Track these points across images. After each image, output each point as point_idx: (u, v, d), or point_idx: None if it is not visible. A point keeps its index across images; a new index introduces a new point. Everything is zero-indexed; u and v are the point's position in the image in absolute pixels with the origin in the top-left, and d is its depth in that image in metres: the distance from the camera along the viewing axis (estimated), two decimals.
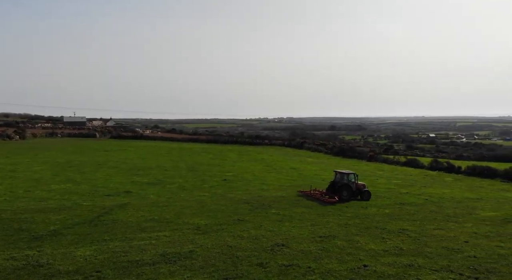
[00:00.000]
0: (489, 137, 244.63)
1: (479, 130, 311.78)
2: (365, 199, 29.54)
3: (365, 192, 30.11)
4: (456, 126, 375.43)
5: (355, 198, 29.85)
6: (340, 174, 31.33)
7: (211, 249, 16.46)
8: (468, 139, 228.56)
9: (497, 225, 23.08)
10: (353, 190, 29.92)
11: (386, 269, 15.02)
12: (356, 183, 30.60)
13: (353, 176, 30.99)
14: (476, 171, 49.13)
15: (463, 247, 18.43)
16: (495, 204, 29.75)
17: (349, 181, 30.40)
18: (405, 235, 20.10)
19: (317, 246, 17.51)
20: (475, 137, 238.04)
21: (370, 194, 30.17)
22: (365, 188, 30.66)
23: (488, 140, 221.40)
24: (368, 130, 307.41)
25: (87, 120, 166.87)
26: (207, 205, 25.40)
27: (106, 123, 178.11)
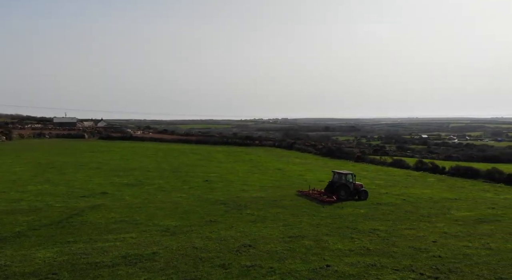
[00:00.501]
0: (481, 138, 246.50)
1: (471, 131, 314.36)
2: (362, 199, 30.07)
3: (362, 191, 30.61)
4: (449, 127, 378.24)
5: (353, 198, 30.27)
6: (338, 174, 31.81)
7: (176, 251, 16.34)
8: (460, 140, 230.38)
9: (469, 225, 23.23)
10: (351, 190, 30.45)
11: (348, 269, 15.02)
12: (353, 183, 31.08)
13: (350, 176, 31.47)
14: (460, 171, 49.48)
15: (430, 247, 18.53)
16: (471, 204, 29.95)
17: (347, 181, 30.93)
18: (375, 235, 20.17)
19: (284, 246, 17.48)
20: (467, 138, 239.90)
21: (367, 193, 30.70)
22: (362, 188, 31.17)
23: (480, 141, 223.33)
24: (362, 131, 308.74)
25: (77, 121, 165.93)
26: (182, 206, 25.27)
27: (97, 124, 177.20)
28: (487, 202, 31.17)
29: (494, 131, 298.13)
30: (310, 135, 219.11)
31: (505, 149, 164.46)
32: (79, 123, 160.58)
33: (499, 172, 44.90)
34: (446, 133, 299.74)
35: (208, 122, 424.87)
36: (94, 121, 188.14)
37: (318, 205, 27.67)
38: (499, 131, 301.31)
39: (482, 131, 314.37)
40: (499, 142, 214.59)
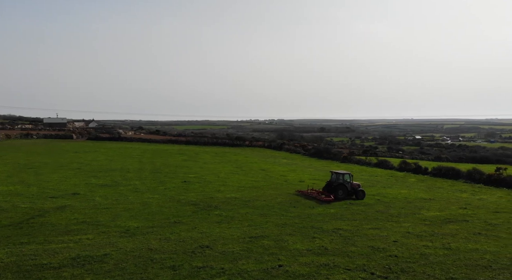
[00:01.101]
0: (474, 139, 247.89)
1: (465, 132, 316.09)
2: (360, 198, 30.61)
3: (359, 191, 31.16)
4: (444, 128, 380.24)
5: (350, 197, 30.84)
6: (336, 174, 32.36)
7: (129, 253, 16.20)
8: (453, 141, 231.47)
9: (435, 225, 23.31)
10: (348, 190, 31.00)
11: (299, 269, 14.98)
12: (351, 183, 31.66)
13: (348, 176, 32.06)
14: (442, 172, 49.65)
15: (389, 246, 18.57)
16: (444, 205, 30.06)
17: (344, 181, 31.51)
18: (337, 235, 20.17)
19: (242, 247, 17.40)
20: (460, 139, 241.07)
21: (364, 193, 31.23)
22: (359, 187, 31.72)
23: (472, 142, 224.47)
24: (357, 132, 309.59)
25: (68, 121, 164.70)
26: (151, 207, 25.10)
27: (88, 124, 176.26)
28: (460, 202, 31.27)
29: (488, 132, 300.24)
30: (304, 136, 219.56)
31: (497, 150, 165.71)
32: (70, 124, 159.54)
33: (480, 173, 45.05)
34: (440, 134, 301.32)
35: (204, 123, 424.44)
36: (86, 121, 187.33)
37: (290, 205, 27.61)
38: (493, 132, 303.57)
39: (476, 132, 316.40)
40: (491, 143, 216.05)
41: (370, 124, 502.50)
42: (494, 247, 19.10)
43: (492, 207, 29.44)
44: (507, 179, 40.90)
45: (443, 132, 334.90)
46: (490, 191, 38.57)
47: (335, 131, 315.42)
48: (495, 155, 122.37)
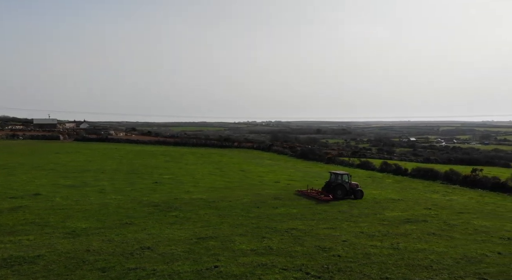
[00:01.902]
0: (468, 141, 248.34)
1: (461, 135, 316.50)
2: (358, 198, 31.30)
3: (358, 191, 31.86)
4: (440, 131, 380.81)
5: (349, 197, 31.49)
6: (335, 175, 32.99)
7: (64, 254, 15.95)
8: (448, 143, 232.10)
9: (392, 225, 23.20)
10: (347, 189, 31.63)
11: (234, 269, 14.81)
12: (349, 183, 32.27)
13: (346, 177, 32.71)
14: (420, 173, 49.72)
15: (336, 246, 18.44)
16: (410, 205, 30.01)
17: (343, 181, 32.15)
18: (289, 235, 20.02)
19: (185, 248, 17.19)
20: (454, 141, 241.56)
21: (362, 193, 31.94)
22: (358, 187, 32.34)
23: (467, 144, 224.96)
24: (353, 134, 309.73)
25: (59, 122, 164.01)
26: (108, 208, 24.84)
27: (79, 125, 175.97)
28: (428, 203, 31.18)
29: (483, 135, 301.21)
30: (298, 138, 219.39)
31: (490, 152, 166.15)
32: (60, 125, 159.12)
33: (456, 174, 45.11)
34: (435, 136, 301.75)
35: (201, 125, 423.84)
36: (77, 122, 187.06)
37: (254, 205, 27.41)
38: (488, 134, 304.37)
39: (471, 134, 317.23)
40: (485, 145, 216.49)
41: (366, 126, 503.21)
42: (443, 247, 18.98)
43: (458, 208, 29.35)
44: (482, 180, 40.90)
45: (439, 134, 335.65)
46: (463, 192, 38.53)
47: (331, 133, 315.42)
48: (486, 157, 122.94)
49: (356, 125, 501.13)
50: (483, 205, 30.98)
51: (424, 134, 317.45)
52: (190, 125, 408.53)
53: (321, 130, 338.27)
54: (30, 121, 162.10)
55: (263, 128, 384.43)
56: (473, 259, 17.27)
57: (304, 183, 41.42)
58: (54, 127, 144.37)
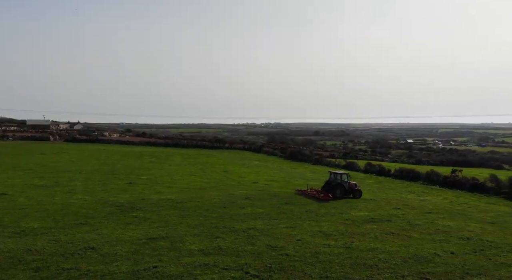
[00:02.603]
0: (465, 143, 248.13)
1: (459, 137, 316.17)
2: (357, 197, 31.99)
3: (356, 190, 32.55)
4: (438, 133, 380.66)
5: (348, 196, 32.15)
6: (334, 174, 33.73)
7: (3, 253, 15.73)
8: (445, 145, 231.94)
9: (354, 225, 23.04)
10: (346, 189, 32.30)
11: (173, 270, 14.62)
12: (348, 182, 32.86)
13: (346, 176, 33.35)
14: (403, 173, 49.67)
15: (288, 245, 18.28)
16: (380, 205, 29.98)
17: (342, 181, 32.79)
18: (245, 234, 19.83)
19: (130, 249, 16.97)
20: (451, 143, 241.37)
21: (361, 192, 32.66)
22: (356, 187, 33.05)
23: (464, 146, 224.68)
24: (351, 136, 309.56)
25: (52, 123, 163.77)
26: (70, 208, 24.57)
27: (74, 126, 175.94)
28: (399, 203, 31.02)
29: (481, 137, 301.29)
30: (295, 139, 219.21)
31: (486, 154, 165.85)
32: (54, 126, 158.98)
33: (437, 175, 45.04)
34: (433, 138, 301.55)
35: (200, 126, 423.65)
36: (71, 124, 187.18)
37: (221, 205, 27.17)
38: (486, 136, 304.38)
39: (469, 136, 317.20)
40: (482, 147, 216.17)
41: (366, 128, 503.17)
42: (396, 246, 18.81)
43: (428, 208, 29.18)
44: (462, 181, 40.79)
45: (437, 136, 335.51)
46: (440, 192, 38.39)
47: (330, 135, 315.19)
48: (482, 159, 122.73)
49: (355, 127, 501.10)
50: (455, 205, 30.82)
51: (422, 136, 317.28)
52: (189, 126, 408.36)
53: (320, 132, 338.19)
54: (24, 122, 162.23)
55: (261, 130, 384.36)
56: (422, 259, 17.10)
57: (283, 183, 41.36)
58: (47, 128, 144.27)
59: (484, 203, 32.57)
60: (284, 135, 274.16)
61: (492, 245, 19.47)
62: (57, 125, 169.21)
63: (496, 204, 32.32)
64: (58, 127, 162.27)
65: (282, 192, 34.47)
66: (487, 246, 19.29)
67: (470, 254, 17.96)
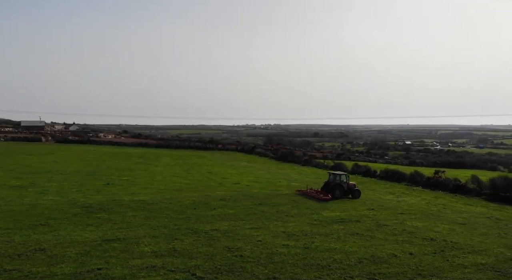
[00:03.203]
0: (463, 145, 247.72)
1: (458, 138, 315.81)
2: (356, 197, 32.26)
3: (355, 190, 32.84)
4: (437, 134, 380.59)
5: (347, 196, 32.48)
6: (333, 175, 34.10)
7: None
8: (443, 147, 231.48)
9: (321, 225, 22.85)
10: (345, 189, 32.56)
11: (117, 272, 14.44)
12: (347, 183, 33.11)
13: (344, 177, 33.76)
14: (388, 174, 49.38)
15: (246, 246, 18.12)
16: (354, 205, 29.84)
17: (341, 181, 33.01)
18: (206, 236, 19.61)
19: (82, 250, 16.71)
20: (449, 145, 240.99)
21: (360, 192, 32.98)
22: (355, 187, 33.34)
23: (462, 148, 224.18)
24: (350, 137, 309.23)
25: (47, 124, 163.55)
26: (36, 209, 24.23)
27: (69, 127, 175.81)
28: (375, 203, 30.76)
29: (480, 138, 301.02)
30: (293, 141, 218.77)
31: (483, 155, 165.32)
32: (49, 127, 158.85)
33: (420, 176, 44.74)
34: (432, 140, 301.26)
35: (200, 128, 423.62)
36: (66, 125, 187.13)
37: (192, 207, 26.87)
38: (485, 138, 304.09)
39: (468, 138, 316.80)
40: (480, 149, 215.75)
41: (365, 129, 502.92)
42: (356, 247, 18.61)
43: (402, 209, 28.91)
44: (444, 182, 40.48)
45: (436, 137, 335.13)
46: (421, 193, 38.05)
47: (329, 136, 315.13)
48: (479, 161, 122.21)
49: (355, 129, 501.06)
50: (431, 206, 30.54)
51: (421, 138, 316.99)
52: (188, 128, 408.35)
53: (319, 133, 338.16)
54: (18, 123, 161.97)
55: (260, 131, 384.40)
56: (378, 259, 16.90)
57: (265, 184, 40.99)
58: (41, 129, 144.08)
59: (461, 204, 32.24)
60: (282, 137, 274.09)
61: (454, 246, 19.27)
62: (52, 126, 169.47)
63: (473, 205, 31.96)
64: (53, 128, 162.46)
65: (261, 193, 34.21)
66: (449, 247, 19.08)
67: (429, 255, 17.76)
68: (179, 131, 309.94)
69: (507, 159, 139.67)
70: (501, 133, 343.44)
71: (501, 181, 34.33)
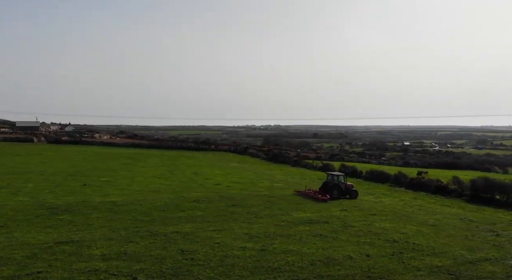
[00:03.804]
0: (462, 146, 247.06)
1: (458, 139, 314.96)
2: (353, 197, 32.84)
3: (353, 191, 33.44)
4: (437, 135, 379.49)
5: (344, 197, 32.94)
6: (331, 176, 34.78)
7: None
8: (441, 148, 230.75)
9: (287, 227, 22.60)
10: (343, 190, 33.16)
11: (56, 275, 14.07)
12: (345, 183, 33.82)
13: (342, 177, 34.47)
14: (374, 175, 49.12)
15: (202, 249, 17.80)
16: (328, 207, 29.59)
17: (339, 182, 33.65)
18: (164, 238, 19.21)
19: (29, 253, 16.32)
20: (448, 146, 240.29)
21: (357, 192, 33.61)
22: (353, 187, 34.02)
23: (460, 149, 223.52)
24: (349, 138, 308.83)
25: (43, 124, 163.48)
26: (1, 210, 23.99)
27: (65, 128, 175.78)
28: (350, 204, 30.38)
29: (480, 139, 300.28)
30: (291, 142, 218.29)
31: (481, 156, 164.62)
32: (44, 127, 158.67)
33: (404, 177, 44.41)
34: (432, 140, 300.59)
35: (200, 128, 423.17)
36: (62, 125, 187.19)
37: (161, 208, 26.44)
38: (485, 139, 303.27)
39: (468, 139, 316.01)
40: (479, 150, 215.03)
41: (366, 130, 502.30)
42: (314, 249, 18.30)
43: (376, 210, 28.59)
44: (427, 183, 40.14)
45: (436, 139, 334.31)
46: (402, 194, 37.78)
47: (328, 137, 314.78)
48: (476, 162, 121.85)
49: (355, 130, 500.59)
50: (406, 207, 30.20)
51: (421, 139, 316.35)
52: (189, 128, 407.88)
53: (318, 134, 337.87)
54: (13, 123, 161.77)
55: (260, 132, 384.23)
56: (332, 262, 16.59)
57: (247, 185, 40.63)
58: (36, 130, 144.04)
59: (439, 205, 31.87)
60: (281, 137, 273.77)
61: (415, 248, 18.93)
62: (48, 126, 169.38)
63: (450, 206, 31.61)
64: (48, 128, 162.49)
65: (239, 194, 33.85)
66: (409, 249, 18.75)
67: (385, 257, 17.44)
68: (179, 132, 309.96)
69: (504, 160, 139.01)
70: (501, 134, 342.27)
71: (481, 182, 33.94)
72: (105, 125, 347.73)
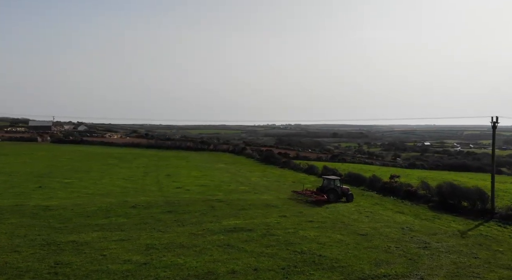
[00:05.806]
0: (486, 146, 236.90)
1: (484, 139, 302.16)
2: (349, 200, 33.13)
3: (349, 194, 33.77)
4: (463, 135, 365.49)
5: (340, 200, 33.21)
6: (327, 180, 34.81)
7: None
8: (464, 148, 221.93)
9: (201, 236, 21.45)
10: (339, 193, 33.39)
11: None
12: (341, 187, 34.12)
13: (338, 181, 34.75)
14: (351, 178, 46.63)
15: (79, 261, 16.85)
16: (270, 212, 28.12)
17: (335, 186, 33.80)
18: (55, 248, 18.28)
19: None
20: (470, 146, 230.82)
21: (353, 196, 33.95)
22: (349, 191, 34.36)
23: (483, 149, 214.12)
24: (369, 138, 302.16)
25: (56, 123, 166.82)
26: None
27: (77, 127, 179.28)
28: (294, 210, 28.77)
29: (508, 139, 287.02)
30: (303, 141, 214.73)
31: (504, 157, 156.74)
32: (56, 127, 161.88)
33: (378, 180, 41.95)
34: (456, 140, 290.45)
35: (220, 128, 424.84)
36: (75, 125, 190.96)
37: (85, 215, 25.47)
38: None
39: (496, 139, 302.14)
40: (503, 151, 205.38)
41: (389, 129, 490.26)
42: (204, 261, 17.14)
43: (319, 216, 27.11)
44: (398, 187, 37.74)
45: (462, 138, 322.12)
46: (366, 199, 35.39)
47: (348, 136, 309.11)
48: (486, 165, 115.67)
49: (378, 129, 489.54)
50: (354, 214, 28.22)
51: (446, 139, 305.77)
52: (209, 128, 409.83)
53: (338, 133, 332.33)
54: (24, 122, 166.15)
55: (279, 131, 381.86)
56: (210, 277, 15.47)
57: (211, 188, 39.28)
58: (48, 129, 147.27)
59: (393, 212, 29.48)
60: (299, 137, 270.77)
61: (315, 261, 17.39)
62: (61, 126, 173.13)
63: (405, 213, 29.23)
64: (60, 128, 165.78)
65: (189, 198, 32.23)
66: (308, 262, 17.21)
67: (272, 272, 16.11)
68: (199, 131, 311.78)
69: None
70: None
71: (446, 188, 31.40)
72: (129, 124, 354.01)
